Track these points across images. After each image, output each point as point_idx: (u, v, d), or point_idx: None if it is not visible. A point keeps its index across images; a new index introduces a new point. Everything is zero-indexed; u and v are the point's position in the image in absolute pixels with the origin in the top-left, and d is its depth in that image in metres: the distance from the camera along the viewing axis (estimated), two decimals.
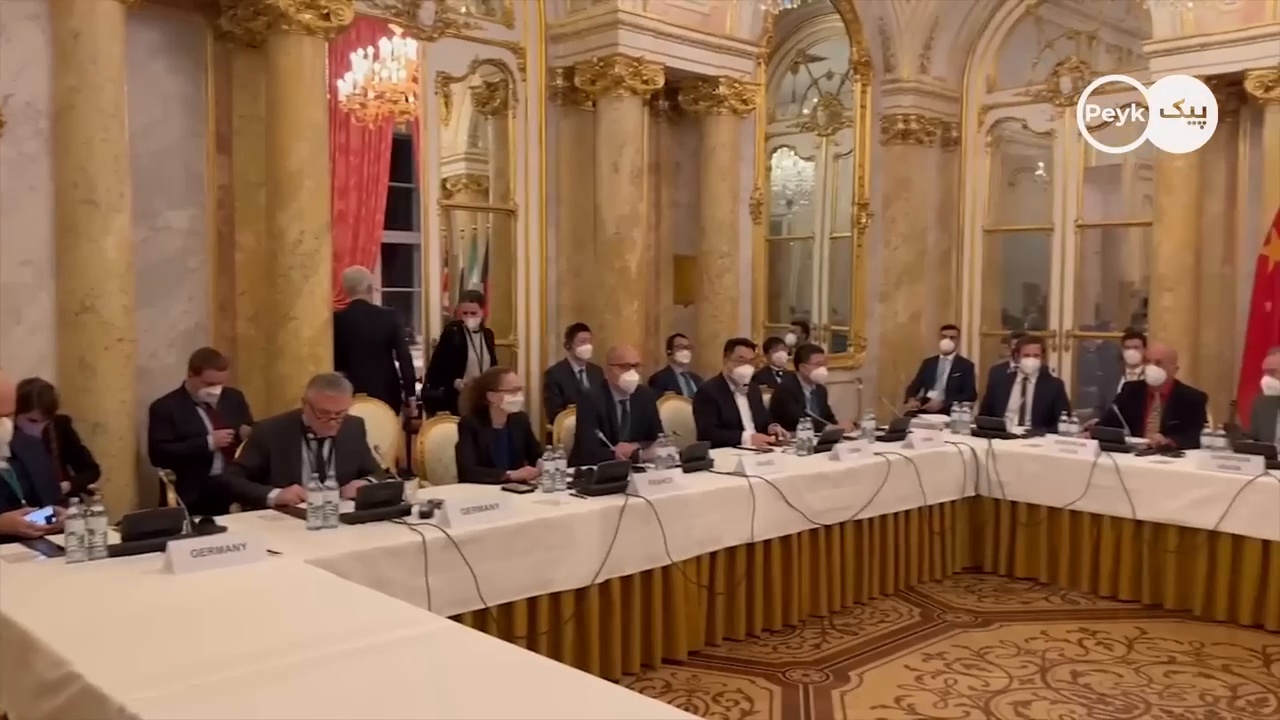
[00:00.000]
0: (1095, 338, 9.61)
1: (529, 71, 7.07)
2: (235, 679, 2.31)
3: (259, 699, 2.23)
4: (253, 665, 2.38)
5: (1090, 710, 4.08)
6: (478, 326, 6.71)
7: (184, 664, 2.38)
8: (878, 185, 9.31)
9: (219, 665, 2.37)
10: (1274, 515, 4.89)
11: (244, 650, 2.48)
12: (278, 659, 2.43)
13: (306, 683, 2.32)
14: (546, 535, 4.00)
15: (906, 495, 5.61)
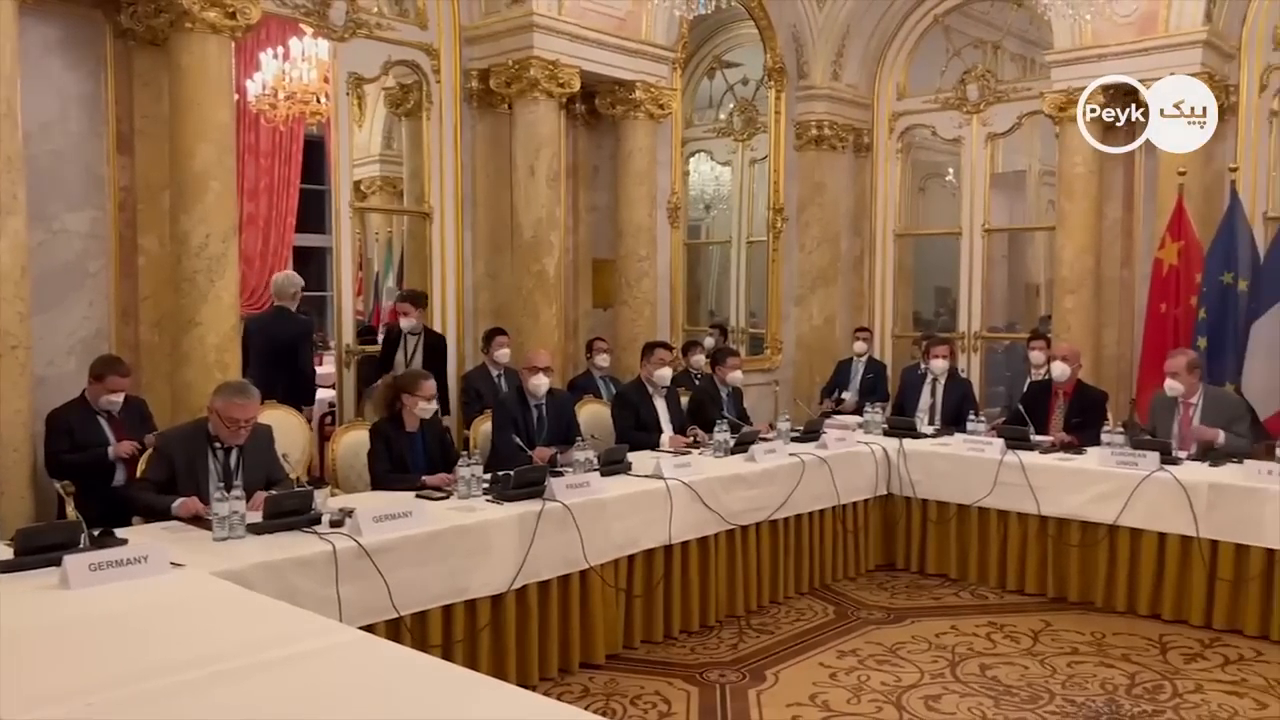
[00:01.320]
0: (1002, 339, 9.89)
1: (443, 73, 7.00)
2: (134, 696, 2.24)
3: (159, 716, 2.17)
4: (153, 681, 2.31)
5: (997, 702, 4.20)
6: (413, 328, 6.60)
7: (79, 682, 2.30)
8: (792, 190, 9.44)
9: (117, 682, 2.30)
10: (1169, 509, 5.09)
11: (144, 666, 2.41)
12: (179, 674, 2.36)
13: (210, 698, 2.26)
14: (462, 542, 3.96)
15: (821, 495, 5.70)
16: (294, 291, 6.99)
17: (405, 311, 6.62)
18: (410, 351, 6.54)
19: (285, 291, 7.00)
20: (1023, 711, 4.11)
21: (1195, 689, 4.34)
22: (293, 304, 6.97)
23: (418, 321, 6.63)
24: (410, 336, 6.61)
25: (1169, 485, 5.08)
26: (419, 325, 6.64)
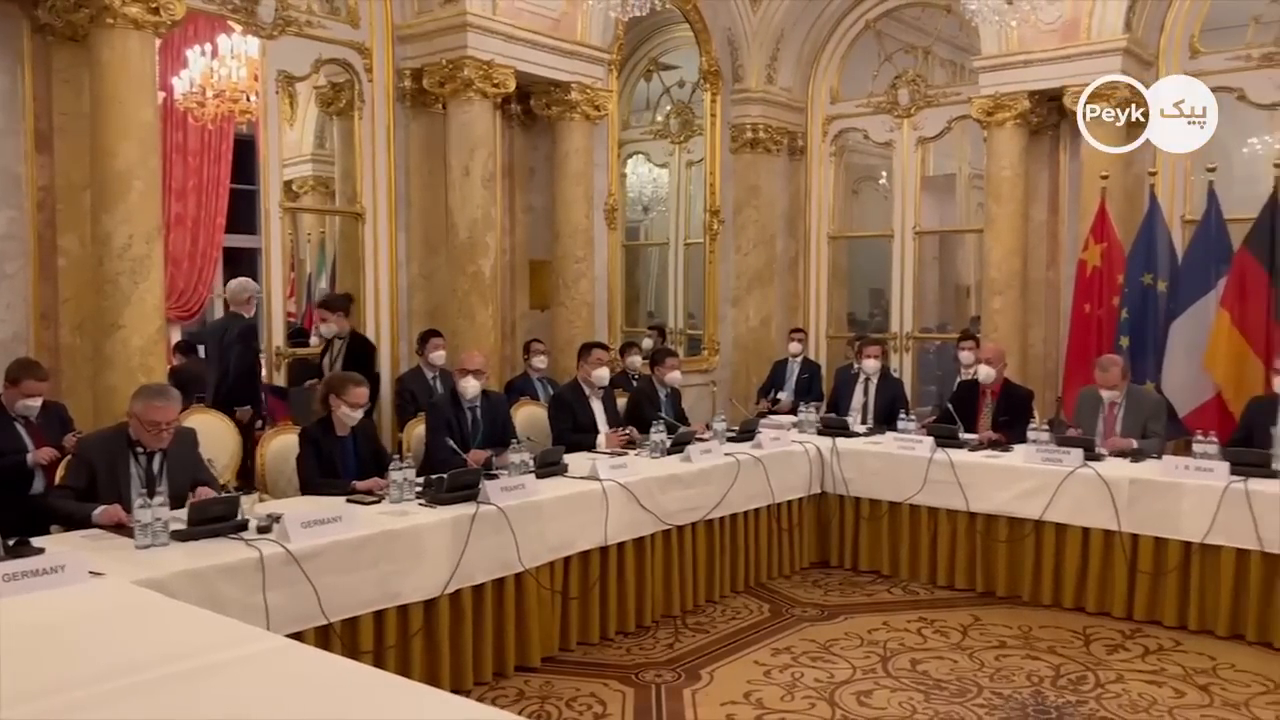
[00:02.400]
0: (933, 339, 10.06)
1: (376, 72, 6.92)
2: (48, 708, 2.17)
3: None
4: (67, 694, 2.25)
5: (927, 696, 4.27)
6: (335, 334, 6.45)
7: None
8: (728, 192, 9.50)
9: (29, 696, 2.23)
10: (1092, 504, 5.23)
11: (58, 678, 2.34)
12: (96, 686, 2.30)
13: (128, 709, 2.21)
14: (393, 547, 3.92)
15: (756, 494, 5.75)
16: (247, 297, 6.86)
17: (324, 317, 6.47)
18: (335, 357, 6.41)
19: (238, 297, 6.89)
20: (952, 705, 4.18)
21: (1116, 679, 4.46)
22: (248, 309, 6.83)
23: (339, 326, 6.44)
24: (338, 340, 6.46)
25: (1092, 481, 5.22)
26: (343, 330, 6.45)
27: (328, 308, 6.51)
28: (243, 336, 6.83)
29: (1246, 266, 6.60)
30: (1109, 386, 5.83)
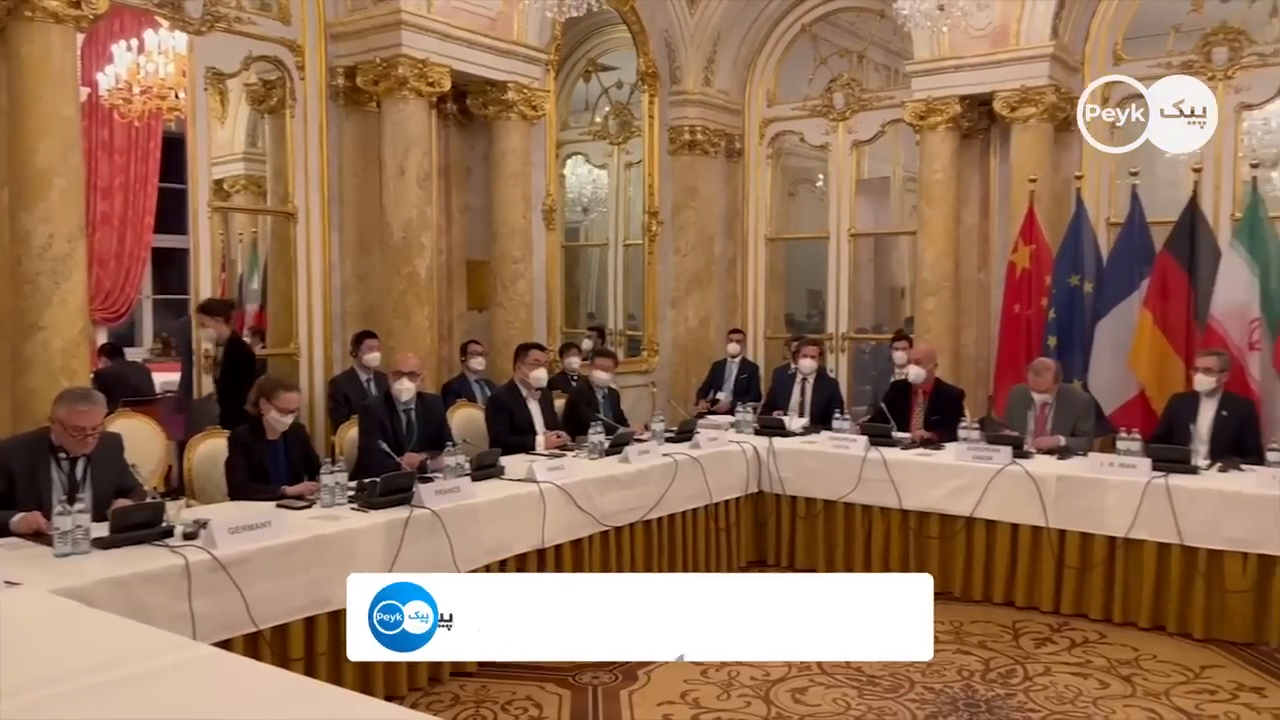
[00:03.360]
0: (869, 340, 10.20)
1: (308, 70, 6.82)
2: None
3: None
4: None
5: (861, 692, 4.32)
6: (215, 340, 6.10)
7: None
8: (667, 194, 9.53)
9: None
10: (1020, 501, 5.34)
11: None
12: (11, 699, 2.22)
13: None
14: (324, 552, 3.86)
15: (693, 494, 5.77)
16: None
17: (202, 322, 6.16)
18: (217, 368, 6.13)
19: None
20: (885, 700, 4.24)
21: (1044, 671, 4.56)
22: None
23: (217, 332, 6.09)
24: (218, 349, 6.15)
25: (1020, 478, 5.33)
26: (222, 336, 6.09)
27: (206, 312, 6.17)
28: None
29: (1167, 268, 6.80)
30: (1041, 390, 5.96)
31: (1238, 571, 4.86)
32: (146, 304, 10.13)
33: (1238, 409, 5.62)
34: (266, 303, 7.66)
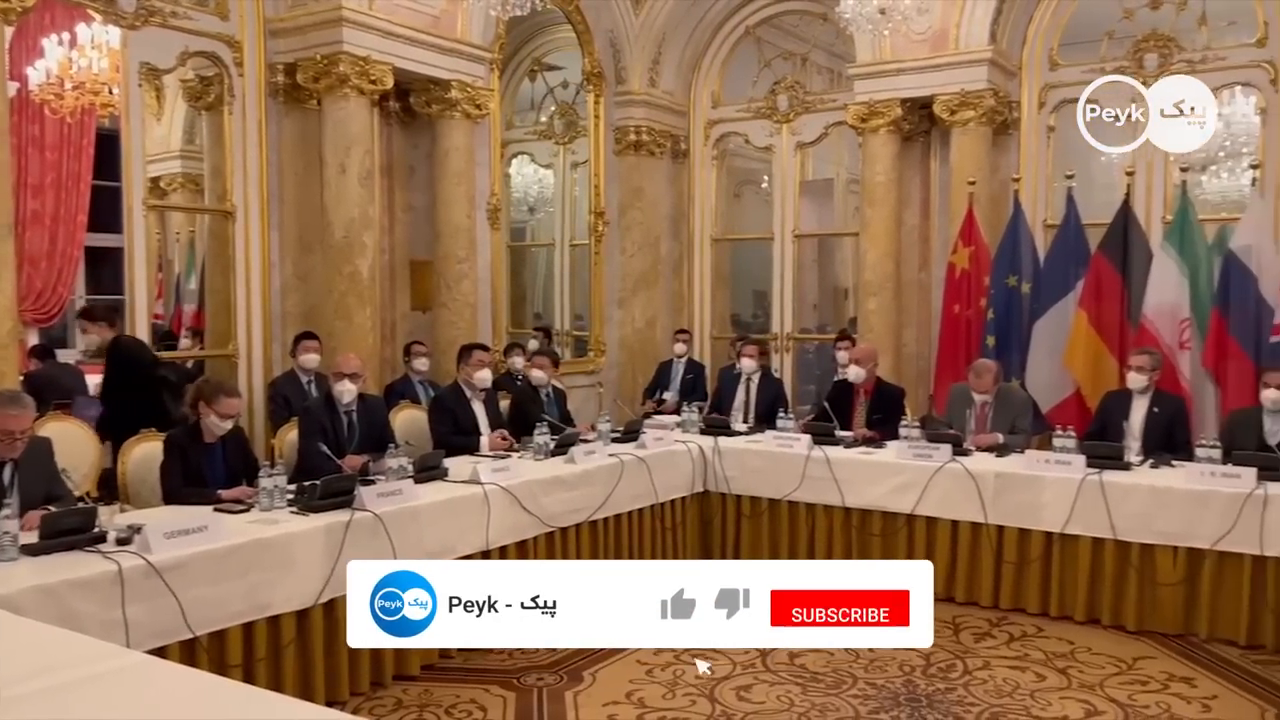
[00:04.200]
0: (813, 340, 10.30)
1: (246, 66, 6.70)
2: None
3: None
4: None
5: (804, 689, 4.36)
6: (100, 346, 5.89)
7: None
8: (613, 194, 9.53)
9: None
10: (960, 497, 5.43)
11: None
12: None
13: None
14: (263, 556, 3.80)
15: (640, 494, 5.76)
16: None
17: (84, 328, 5.98)
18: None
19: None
20: (828, 696, 4.28)
21: (983, 666, 4.63)
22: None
23: (100, 337, 5.93)
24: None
25: (960, 475, 5.42)
26: (105, 340, 5.91)
27: (86, 318, 5.98)
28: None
29: (1102, 269, 6.96)
30: (981, 390, 6.06)
31: (1168, 565, 4.99)
32: (80, 304, 9.87)
33: (1168, 406, 5.77)
34: (204, 303, 7.51)
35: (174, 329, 8.69)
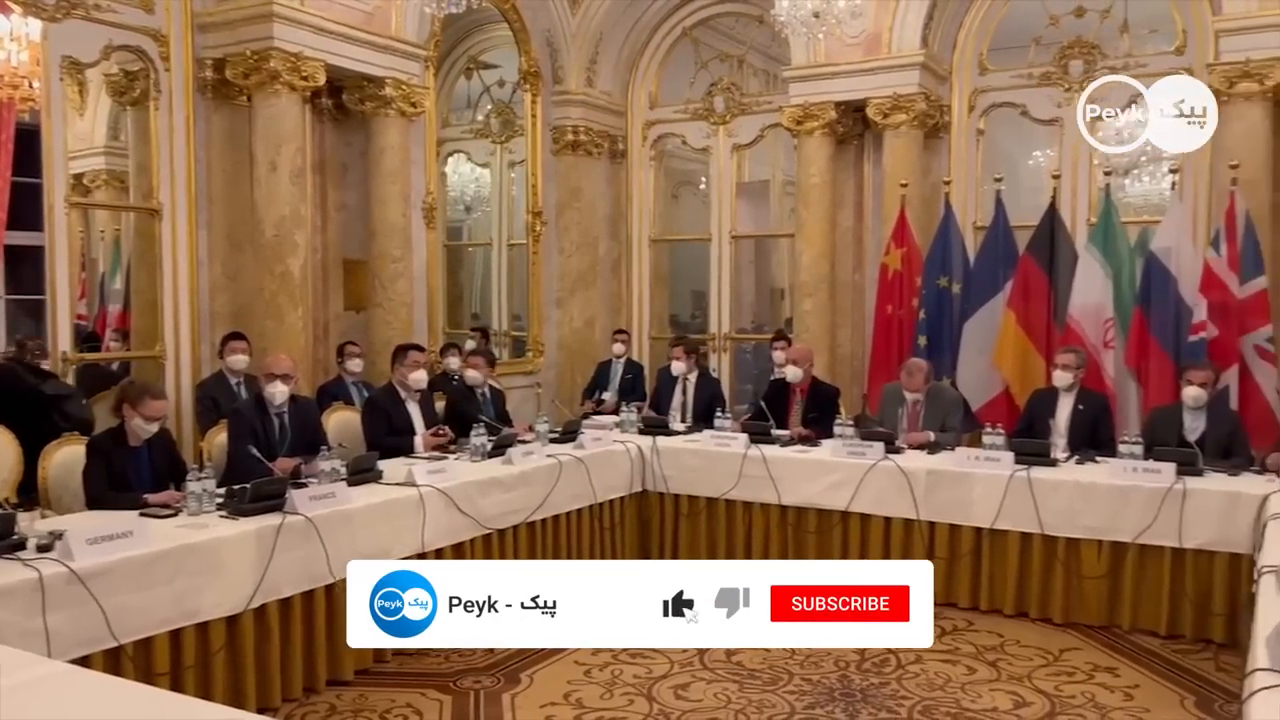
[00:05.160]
0: (750, 340, 10.38)
1: (173, 61, 6.55)
2: None
3: None
4: None
5: (741, 686, 4.39)
6: None
7: None
8: (550, 194, 9.51)
9: None
10: (893, 494, 5.51)
11: None
12: None
13: None
14: (190, 561, 3.72)
15: (578, 494, 5.76)
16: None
17: None
18: None
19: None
20: (764, 693, 4.32)
21: (916, 660, 4.70)
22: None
23: None
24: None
25: (892, 473, 5.51)
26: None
27: None
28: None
29: (1029, 270, 7.12)
30: (913, 389, 6.17)
31: (1093, 558, 5.13)
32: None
33: (1093, 404, 5.93)
34: (130, 303, 7.31)
35: (98, 330, 8.44)
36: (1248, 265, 6.55)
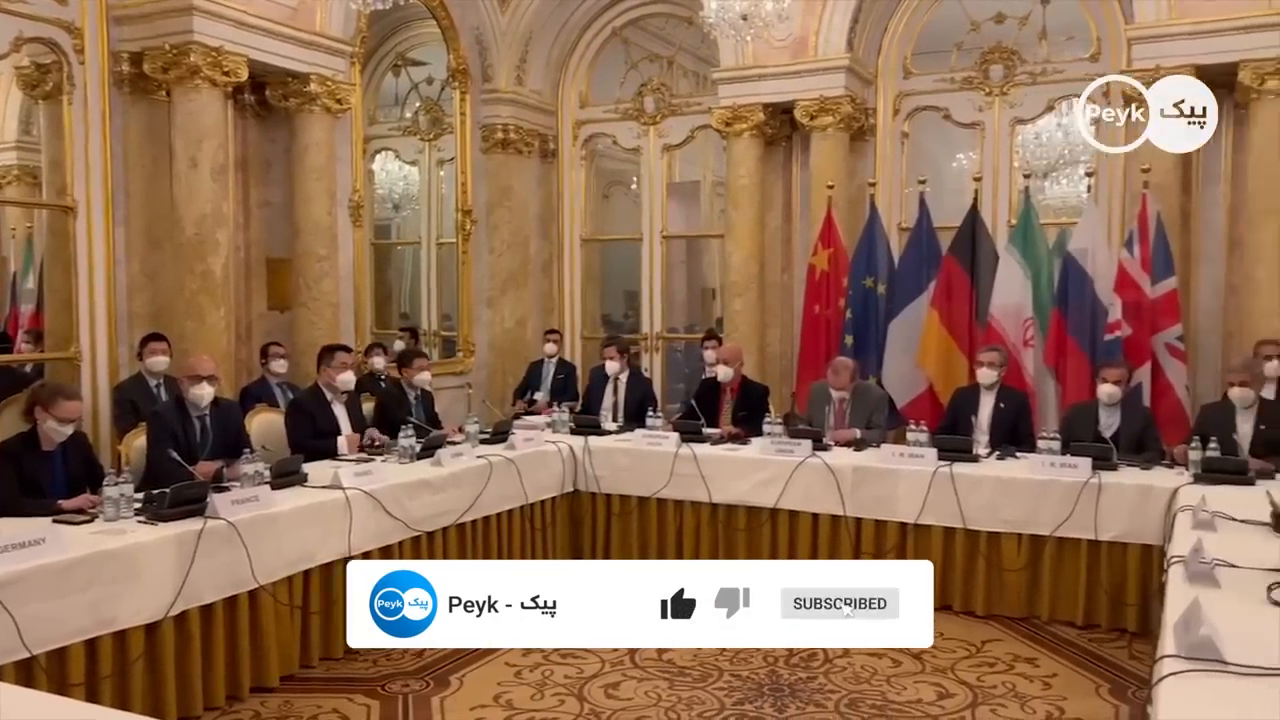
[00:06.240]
0: (682, 339, 10.44)
1: (88, 54, 6.34)
2: None
3: None
4: None
5: (671, 683, 4.42)
6: None
7: None
8: (480, 192, 9.44)
9: None
10: (820, 491, 5.60)
11: None
12: None
13: None
14: (107, 568, 3.62)
15: (509, 495, 5.74)
16: None
17: None
18: None
19: None
20: (695, 690, 4.35)
21: (843, 654, 4.76)
22: None
23: None
24: None
25: (820, 470, 5.59)
26: None
27: None
28: None
29: (952, 271, 7.27)
30: (839, 387, 6.26)
31: (1013, 551, 5.27)
32: None
33: (1013, 401, 6.08)
34: (43, 303, 7.07)
35: (10, 331, 8.14)
36: (1159, 266, 6.78)
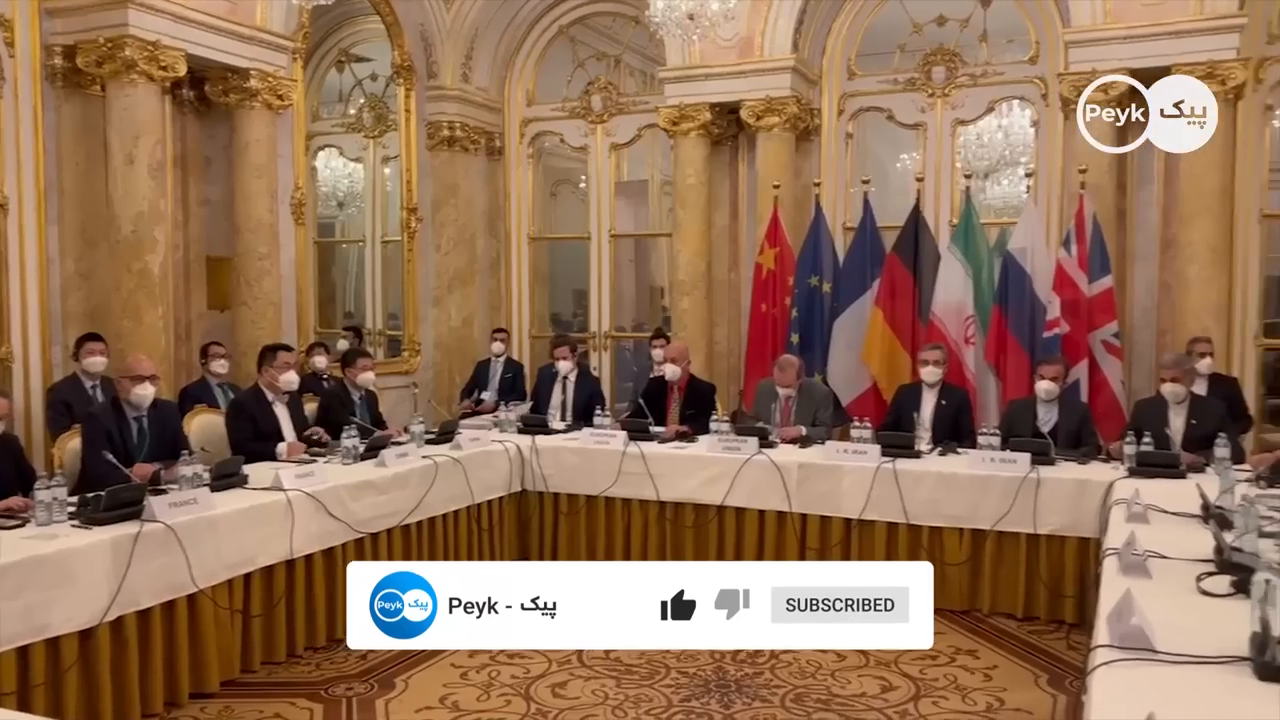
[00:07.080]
0: (630, 338, 10.45)
1: (19, 47, 6.19)
2: None
3: None
4: None
5: (619, 681, 4.42)
6: None
7: None
8: (426, 190, 9.36)
9: None
10: (766, 488, 5.63)
11: None
12: None
13: None
14: (38, 574, 3.52)
15: (455, 496, 5.69)
16: None
17: None
18: None
19: None
20: (641, 688, 4.35)
21: (788, 649, 4.81)
22: None
23: None
24: None
25: (766, 467, 5.62)
26: None
27: None
28: None
29: (895, 270, 7.37)
30: (785, 385, 6.31)
31: (955, 546, 5.34)
32: None
33: (954, 398, 6.17)
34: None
35: None
36: (1095, 265, 6.93)
